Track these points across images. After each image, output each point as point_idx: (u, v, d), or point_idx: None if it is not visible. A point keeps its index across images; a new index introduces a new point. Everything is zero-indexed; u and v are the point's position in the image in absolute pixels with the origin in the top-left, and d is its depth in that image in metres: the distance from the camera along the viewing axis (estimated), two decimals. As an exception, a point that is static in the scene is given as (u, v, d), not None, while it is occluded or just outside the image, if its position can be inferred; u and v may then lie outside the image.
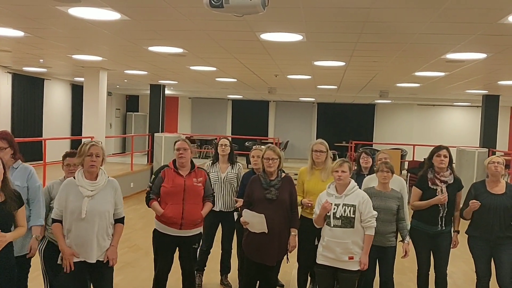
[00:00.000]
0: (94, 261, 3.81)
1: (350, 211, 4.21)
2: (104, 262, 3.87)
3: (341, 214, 4.20)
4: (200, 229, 4.76)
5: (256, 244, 4.54)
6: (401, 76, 10.39)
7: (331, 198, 4.30)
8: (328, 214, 4.24)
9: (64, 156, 4.35)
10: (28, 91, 13.66)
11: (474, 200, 4.74)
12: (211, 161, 5.82)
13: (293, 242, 4.62)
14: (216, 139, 16.80)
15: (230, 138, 6.03)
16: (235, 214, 5.50)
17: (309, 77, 11.03)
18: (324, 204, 4.24)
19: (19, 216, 3.56)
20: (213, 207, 4.92)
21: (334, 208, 4.22)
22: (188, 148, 4.70)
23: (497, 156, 4.99)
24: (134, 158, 13.73)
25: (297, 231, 4.66)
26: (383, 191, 4.68)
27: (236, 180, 5.69)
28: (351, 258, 4.21)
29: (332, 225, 4.22)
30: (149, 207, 4.67)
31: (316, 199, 4.52)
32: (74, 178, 3.88)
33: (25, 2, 5.12)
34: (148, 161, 15.00)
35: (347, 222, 4.20)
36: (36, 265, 4.27)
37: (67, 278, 3.79)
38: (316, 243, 4.75)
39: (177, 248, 4.73)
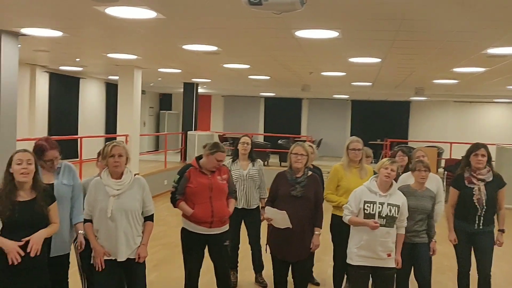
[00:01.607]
0: (124, 259, 3.85)
1: (395, 211, 4.16)
2: (136, 260, 3.91)
3: (387, 214, 4.14)
4: (228, 226, 4.74)
5: (278, 241, 4.54)
6: (438, 73, 10.16)
7: (374, 195, 4.21)
8: (372, 212, 4.15)
9: (99, 154, 4.44)
10: (64, 90, 13.86)
11: None
12: (231, 159, 5.81)
13: (317, 241, 4.56)
14: (248, 137, 16.82)
15: (251, 136, 6.05)
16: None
17: (344, 74, 10.91)
18: (374, 225, 4.08)
19: (51, 213, 3.59)
20: (236, 204, 4.89)
21: (379, 207, 4.15)
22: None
23: None
24: (168, 156, 13.85)
25: (321, 230, 4.60)
26: (418, 190, 4.62)
27: (258, 176, 5.71)
28: (389, 255, 4.20)
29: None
30: (175, 207, 4.62)
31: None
32: (101, 177, 3.94)
33: (63, 3, 5.19)
34: (181, 159, 15.11)
35: (392, 221, 4.17)
36: (73, 261, 4.31)
37: (102, 276, 3.85)
38: None
39: (207, 246, 4.68)
